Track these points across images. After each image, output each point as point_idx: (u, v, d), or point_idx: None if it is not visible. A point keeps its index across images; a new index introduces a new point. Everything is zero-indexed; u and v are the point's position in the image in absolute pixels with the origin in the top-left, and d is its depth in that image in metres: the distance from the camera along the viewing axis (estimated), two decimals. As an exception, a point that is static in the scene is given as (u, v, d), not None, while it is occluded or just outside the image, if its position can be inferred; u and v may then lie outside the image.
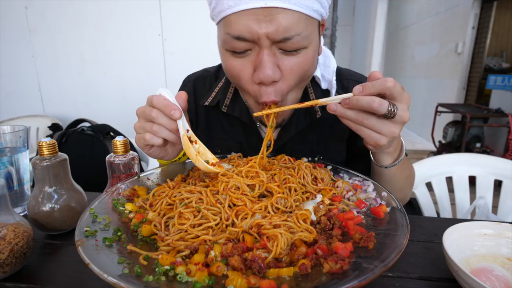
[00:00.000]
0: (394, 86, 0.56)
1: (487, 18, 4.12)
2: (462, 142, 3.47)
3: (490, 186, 1.22)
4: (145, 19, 2.60)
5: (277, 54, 0.63)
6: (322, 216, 0.56)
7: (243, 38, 0.60)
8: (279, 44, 0.61)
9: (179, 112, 0.60)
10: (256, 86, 0.66)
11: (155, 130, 0.61)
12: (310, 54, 0.66)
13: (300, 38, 0.61)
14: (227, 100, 0.85)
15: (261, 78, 0.63)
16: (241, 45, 0.62)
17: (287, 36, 0.59)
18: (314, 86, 0.85)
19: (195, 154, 0.61)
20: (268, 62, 0.61)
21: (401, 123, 0.59)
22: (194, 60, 2.63)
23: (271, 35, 0.59)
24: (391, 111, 0.56)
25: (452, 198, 1.25)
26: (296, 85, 0.69)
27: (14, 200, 0.76)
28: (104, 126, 1.74)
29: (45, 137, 0.69)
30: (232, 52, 0.65)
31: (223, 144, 0.91)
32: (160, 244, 0.50)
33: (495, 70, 4.60)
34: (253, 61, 0.64)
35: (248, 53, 0.64)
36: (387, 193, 0.62)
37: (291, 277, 0.43)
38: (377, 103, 0.55)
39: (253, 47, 0.63)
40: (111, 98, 2.82)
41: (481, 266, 0.53)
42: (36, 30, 2.68)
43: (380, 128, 0.58)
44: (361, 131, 0.60)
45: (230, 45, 0.63)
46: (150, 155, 0.68)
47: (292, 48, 0.62)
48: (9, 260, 0.53)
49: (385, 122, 0.58)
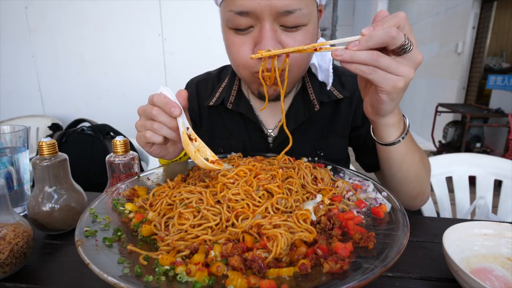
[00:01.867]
0: (405, 24, 0.52)
1: (487, 18, 4.12)
2: (462, 142, 3.47)
3: (490, 186, 1.22)
4: (145, 19, 2.60)
5: (278, 30, 0.65)
6: (322, 216, 0.56)
7: (246, 12, 0.63)
8: (280, 20, 0.64)
9: (179, 110, 0.61)
10: (256, 60, 0.67)
11: (156, 128, 0.62)
12: (310, 31, 0.68)
13: (301, 13, 0.63)
14: (232, 97, 0.87)
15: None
16: (243, 21, 0.64)
17: (289, 9, 0.62)
18: (312, 79, 0.86)
19: (194, 151, 0.62)
20: (269, 36, 0.64)
21: (415, 64, 0.54)
22: (194, 60, 2.63)
23: (274, 7, 0.61)
24: (407, 44, 0.51)
25: (452, 198, 1.25)
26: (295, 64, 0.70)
27: (14, 200, 0.76)
28: (104, 126, 1.74)
29: (45, 137, 0.69)
30: (235, 30, 0.67)
31: (226, 143, 0.92)
32: (160, 244, 0.50)
33: (495, 70, 4.60)
34: (255, 37, 0.66)
35: (251, 30, 0.66)
36: (387, 193, 0.62)
37: (291, 277, 0.43)
38: (395, 31, 0.49)
39: (255, 24, 0.65)
40: (111, 98, 2.82)
41: (481, 266, 0.53)
42: (36, 30, 2.68)
43: (396, 68, 0.52)
44: (375, 73, 0.53)
45: (234, 22, 0.65)
46: (151, 154, 0.68)
47: (293, 24, 0.64)
48: (9, 260, 0.53)
49: (401, 61, 0.53)
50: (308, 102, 0.84)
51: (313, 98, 0.84)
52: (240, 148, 0.90)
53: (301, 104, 0.85)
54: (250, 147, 0.91)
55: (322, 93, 0.85)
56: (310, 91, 0.84)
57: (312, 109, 0.84)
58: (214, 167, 0.62)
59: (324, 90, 0.85)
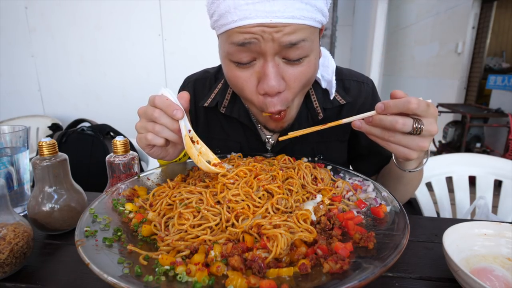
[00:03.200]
0: (418, 107, 0.54)
1: (487, 18, 4.12)
2: (462, 142, 3.46)
3: (490, 186, 1.22)
4: (145, 19, 2.60)
5: (281, 64, 0.64)
6: (322, 216, 0.56)
7: (248, 44, 0.60)
8: (283, 53, 0.62)
9: (181, 112, 0.59)
10: (261, 97, 0.67)
11: (157, 130, 0.61)
12: (312, 61, 0.66)
13: (304, 45, 0.61)
14: (226, 101, 0.86)
15: (266, 89, 0.63)
16: (245, 55, 0.63)
17: (293, 41, 0.60)
18: (315, 86, 0.85)
19: (197, 154, 0.61)
20: (272, 73, 0.62)
21: (430, 136, 0.57)
22: (194, 60, 2.63)
23: (277, 39, 0.59)
24: (416, 128, 0.55)
25: (452, 198, 1.25)
26: (299, 92, 0.70)
27: (14, 200, 0.76)
28: (104, 126, 1.74)
29: (45, 137, 0.69)
30: (236, 63, 0.65)
31: (223, 144, 0.91)
32: (160, 244, 0.50)
33: (495, 70, 4.60)
34: (257, 72, 0.65)
35: (253, 64, 0.64)
36: (387, 193, 0.62)
37: (291, 277, 0.43)
38: (401, 124, 0.54)
39: (257, 57, 0.63)
40: (111, 98, 2.82)
41: (481, 266, 0.53)
42: (36, 30, 2.68)
43: (407, 143, 0.57)
44: (389, 146, 0.59)
45: (235, 56, 0.63)
46: (151, 155, 0.68)
47: (296, 57, 0.62)
48: (9, 260, 0.53)
49: (412, 137, 0.57)
50: (311, 110, 0.84)
51: (317, 106, 0.83)
52: (237, 150, 0.89)
53: (305, 112, 0.85)
54: (248, 149, 0.90)
55: (325, 100, 0.85)
56: (313, 98, 0.84)
57: (316, 117, 0.84)
58: (217, 170, 0.62)
59: (327, 97, 0.85)
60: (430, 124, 0.56)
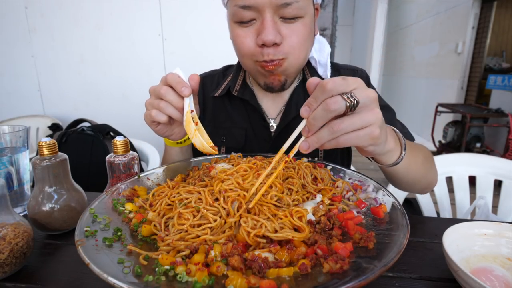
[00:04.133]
0: (334, 84, 0.48)
1: (487, 18, 4.12)
2: (462, 142, 3.47)
3: (490, 186, 1.22)
4: (145, 19, 2.60)
5: (278, 22, 0.73)
6: (322, 216, 0.56)
7: (249, 6, 0.71)
8: (279, 12, 0.71)
9: (189, 90, 0.63)
10: (258, 48, 0.75)
11: (162, 106, 0.64)
12: (307, 23, 0.75)
13: (298, 5, 0.71)
14: (237, 86, 0.94)
15: (263, 39, 0.71)
16: (247, 14, 0.73)
17: (287, 1, 0.70)
18: (312, 71, 0.93)
19: (194, 129, 0.63)
20: (270, 26, 0.71)
21: (372, 102, 0.50)
22: (194, 60, 2.62)
23: (273, 0, 0.69)
24: (350, 100, 0.47)
25: (452, 198, 1.25)
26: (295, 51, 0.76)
27: (14, 200, 0.76)
28: (104, 126, 1.74)
29: (45, 137, 0.69)
30: (239, 23, 0.75)
31: (228, 132, 0.96)
32: (160, 244, 0.50)
33: (495, 70, 4.60)
34: (257, 28, 0.74)
35: (253, 23, 0.74)
36: (388, 193, 0.62)
37: (291, 277, 0.43)
38: (332, 104, 0.47)
39: (257, 17, 0.73)
40: (111, 98, 2.81)
41: (481, 266, 0.53)
42: (36, 30, 2.67)
43: (361, 122, 0.49)
44: (348, 139, 0.50)
45: (238, 15, 0.73)
46: (157, 133, 0.72)
47: (291, 15, 0.72)
48: (9, 260, 0.53)
49: (359, 114, 0.49)
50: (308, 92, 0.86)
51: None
52: (242, 136, 0.94)
53: (302, 95, 0.91)
54: (253, 135, 0.94)
55: None
56: None
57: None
58: (210, 150, 0.63)
59: None
60: (360, 91, 0.49)
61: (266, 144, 0.93)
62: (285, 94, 0.93)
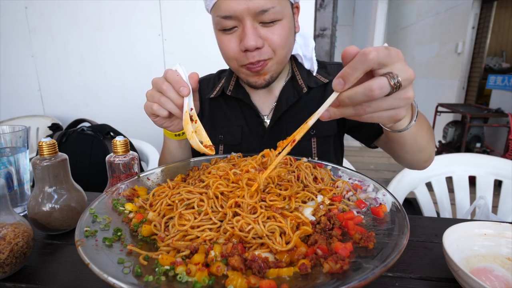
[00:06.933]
0: (378, 54, 0.44)
1: (487, 18, 4.12)
2: (462, 142, 3.47)
3: (490, 186, 1.22)
4: (145, 19, 2.60)
5: (258, 27, 0.76)
6: (322, 216, 0.56)
7: (229, 16, 0.75)
8: (258, 17, 0.75)
9: (187, 90, 0.65)
10: (242, 53, 0.79)
11: (162, 101, 0.67)
12: (286, 25, 0.79)
13: (275, 10, 0.74)
14: (231, 86, 0.98)
15: (245, 46, 0.75)
16: (228, 23, 0.77)
17: (263, 8, 0.73)
18: (299, 67, 0.97)
19: (191, 131, 0.64)
20: (250, 32, 0.75)
21: (410, 84, 0.48)
22: (194, 60, 2.62)
23: (251, 9, 0.73)
24: (395, 84, 0.45)
25: (452, 198, 1.25)
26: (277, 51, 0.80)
27: (14, 200, 0.76)
28: (104, 126, 1.73)
29: (45, 137, 0.69)
30: (223, 31, 0.79)
31: (225, 131, 1.00)
32: (160, 244, 0.50)
33: (495, 70, 4.60)
34: (239, 35, 0.78)
35: (235, 30, 0.78)
36: (387, 193, 0.62)
37: (291, 277, 0.43)
38: (377, 90, 0.44)
39: (238, 24, 0.77)
40: (111, 98, 2.81)
41: (481, 266, 0.53)
42: (36, 30, 2.67)
43: (390, 105, 0.48)
44: (371, 119, 0.50)
45: (221, 24, 0.78)
46: (155, 123, 0.75)
47: (269, 19, 0.75)
48: (9, 260, 0.53)
49: (393, 95, 0.47)
50: (297, 87, 0.95)
51: (301, 83, 0.95)
52: (239, 133, 0.99)
53: (291, 89, 0.95)
54: (248, 132, 0.99)
55: (309, 79, 0.96)
56: (298, 77, 0.96)
57: (300, 92, 0.94)
58: (207, 151, 0.64)
59: (311, 77, 0.96)
60: (402, 70, 0.46)
61: (261, 139, 0.98)
62: (276, 91, 0.98)
